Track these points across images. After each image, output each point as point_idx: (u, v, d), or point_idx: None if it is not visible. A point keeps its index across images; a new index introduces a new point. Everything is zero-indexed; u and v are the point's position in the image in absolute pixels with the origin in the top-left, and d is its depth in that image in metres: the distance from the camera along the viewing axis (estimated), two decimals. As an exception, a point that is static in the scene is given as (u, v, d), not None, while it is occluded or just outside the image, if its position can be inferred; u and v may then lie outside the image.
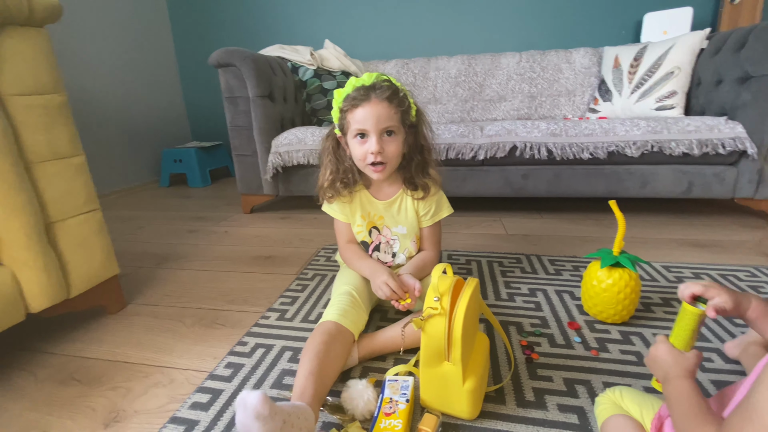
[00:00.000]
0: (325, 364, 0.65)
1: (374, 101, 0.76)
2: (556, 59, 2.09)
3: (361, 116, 0.77)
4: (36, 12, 0.80)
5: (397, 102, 0.78)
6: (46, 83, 0.84)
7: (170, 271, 1.28)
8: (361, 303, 0.82)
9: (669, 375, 0.47)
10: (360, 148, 0.80)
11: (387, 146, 0.79)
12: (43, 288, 0.82)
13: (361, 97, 0.77)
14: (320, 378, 0.63)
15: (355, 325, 0.76)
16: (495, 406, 0.66)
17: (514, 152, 1.57)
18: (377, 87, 0.77)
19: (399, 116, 0.79)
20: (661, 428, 0.48)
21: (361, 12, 2.55)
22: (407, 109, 0.81)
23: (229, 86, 1.72)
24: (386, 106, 0.77)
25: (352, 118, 0.78)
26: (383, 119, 0.77)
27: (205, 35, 2.84)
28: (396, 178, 0.90)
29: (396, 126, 0.79)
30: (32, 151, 0.81)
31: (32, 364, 0.84)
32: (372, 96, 0.77)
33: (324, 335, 0.70)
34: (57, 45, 2.07)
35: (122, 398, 0.73)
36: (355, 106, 0.77)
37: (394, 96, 0.78)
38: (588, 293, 0.87)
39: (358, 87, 0.78)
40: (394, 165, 0.84)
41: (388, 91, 0.77)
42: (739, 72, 1.45)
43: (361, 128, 0.78)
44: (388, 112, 0.77)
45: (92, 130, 2.31)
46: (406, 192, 0.89)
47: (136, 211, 2.08)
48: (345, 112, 0.80)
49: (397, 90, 0.79)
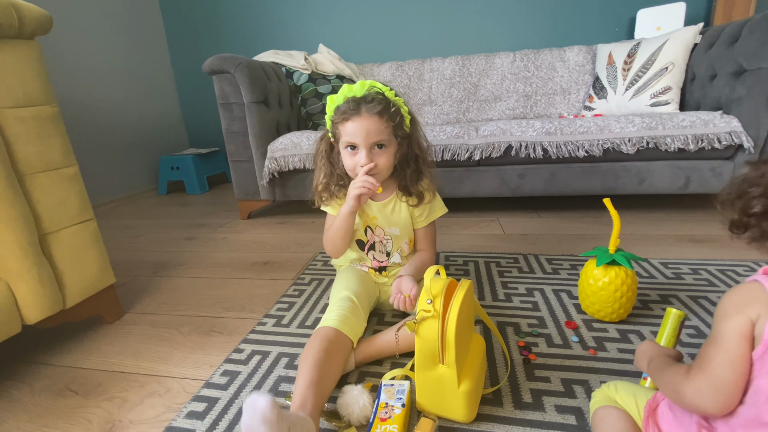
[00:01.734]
0: (325, 373, 0.65)
1: (364, 116, 0.76)
2: (550, 58, 2.09)
3: (351, 130, 0.77)
4: (26, 25, 0.80)
5: (388, 116, 0.77)
6: (38, 95, 0.84)
7: (168, 279, 1.28)
8: (360, 309, 0.81)
9: (652, 357, 0.53)
10: (350, 159, 0.80)
11: (377, 159, 0.79)
12: (38, 299, 0.82)
13: (351, 111, 0.76)
14: (320, 388, 0.62)
15: (354, 332, 0.76)
16: (492, 409, 0.65)
17: (509, 152, 1.57)
18: (368, 100, 0.76)
19: (390, 129, 0.79)
20: (656, 408, 0.49)
21: (354, 16, 2.55)
22: (400, 121, 0.80)
23: (224, 93, 1.73)
24: (377, 120, 0.76)
25: (343, 131, 0.78)
26: (373, 134, 0.77)
27: (200, 42, 2.85)
28: (391, 182, 0.90)
29: (387, 139, 0.79)
30: (25, 163, 0.81)
31: (28, 375, 0.84)
32: (362, 110, 0.76)
33: (324, 342, 0.69)
34: (52, 55, 2.09)
35: (118, 409, 0.72)
36: (346, 120, 0.77)
37: (385, 111, 0.77)
38: (585, 292, 0.87)
39: (349, 98, 0.78)
40: (385, 176, 0.84)
41: (379, 105, 0.76)
42: (733, 66, 1.45)
43: (351, 141, 0.78)
44: (379, 127, 0.77)
45: (89, 139, 2.32)
46: (400, 198, 0.89)
47: (134, 219, 2.08)
48: (336, 123, 0.80)
49: (389, 103, 0.78)
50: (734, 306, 0.40)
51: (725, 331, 0.40)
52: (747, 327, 0.39)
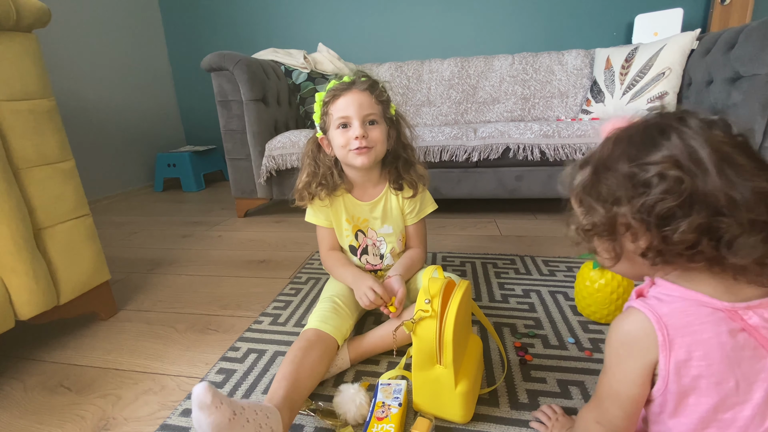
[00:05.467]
0: (300, 370, 0.65)
1: (355, 91, 0.79)
2: (548, 61, 2.10)
3: (343, 104, 0.79)
4: (24, 17, 0.79)
5: (377, 93, 0.81)
6: (35, 88, 0.83)
7: (163, 277, 1.27)
8: (345, 308, 0.81)
9: None
10: (343, 137, 0.80)
11: (371, 132, 0.80)
12: (32, 295, 0.81)
13: (343, 88, 0.80)
14: (293, 382, 0.62)
15: (337, 330, 0.75)
16: (488, 409, 0.65)
17: (507, 154, 1.57)
18: (357, 80, 0.81)
19: (380, 108, 0.82)
20: None
21: (354, 15, 2.55)
22: (387, 102, 0.83)
23: (222, 90, 1.72)
24: (368, 95, 0.80)
25: (334, 108, 0.79)
26: (365, 106, 0.79)
27: (198, 39, 2.84)
28: (381, 178, 0.89)
29: (378, 116, 0.81)
30: (20, 157, 0.81)
31: (21, 371, 0.83)
32: (353, 87, 0.80)
33: (301, 342, 0.70)
34: (50, 50, 2.07)
35: (112, 406, 0.72)
36: (337, 96, 0.79)
37: (374, 86, 0.81)
38: (581, 294, 0.87)
39: (339, 82, 0.81)
40: (379, 152, 0.82)
41: (367, 82, 0.81)
42: (729, 72, 1.46)
43: (344, 115, 0.79)
44: (369, 101, 0.80)
45: (86, 134, 2.30)
46: (392, 191, 0.89)
47: (130, 216, 2.07)
48: (327, 104, 0.81)
49: (377, 82, 0.82)
50: (627, 348, 0.39)
51: (615, 374, 0.41)
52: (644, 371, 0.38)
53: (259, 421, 0.52)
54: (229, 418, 0.48)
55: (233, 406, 0.50)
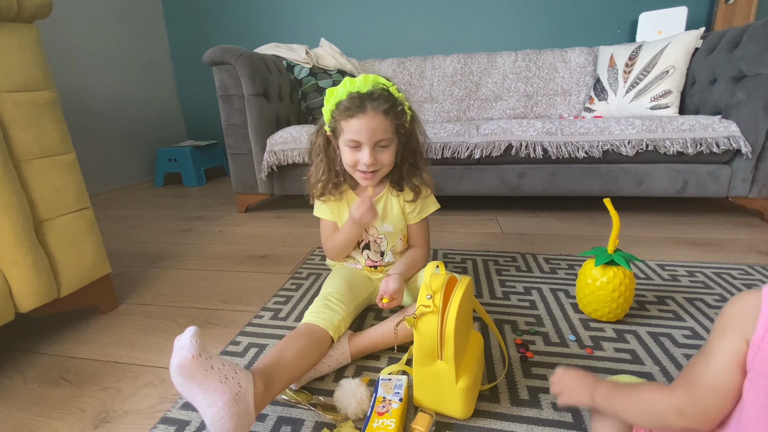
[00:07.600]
0: (283, 352, 0.65)
1: (370, 114, 0.74)
2: (551, 58, 2.09)
3: (356, 128, 0.75)
4: (25, 8, 0.79)
5: (393, 115, 0.77)
6: (36, 80, 0.83)
7: (164, 271, 1.27)
8: (338, 303, 0.79)
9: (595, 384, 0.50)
10: (351, 156, 0.79)
11: (380, 156, 0.79)
12: (32, 287, 0.81)
13: (356, 108, 0.74)
14: (274, 359, 0.63)
15: (328, 321, 0.74)
16: (489, 405, 0.65)
17: (509, 151, 1.57)
18: (374, 97, 0.74)
19: (394, 128, 0.78)
20: None
21: (357, 11, 2.54)
22: (403, 120, 0.80)
23: (224, 84, 1.71)
24: (382, 119, 0.75)
25: (347, 127, 0.77)
26: (378, 132, 0.76)
27: (200, 33, 2.82)
28: (383, 179, 0.89)
29: (390, 137, 0.78)
30: (21, 149, 0.80)
31: (21, 364, 0.83)
32: (368, 107, 0.74)
33: (291, 333, 0.71)
34: (51, 42, 2.06)
35: (112, 399, 0.72)
36: (350, 117, 0.75)
37: (392, 109, 0.76)
38: (583, 291, 0.87)
39: (352, 94, 0.75)
40: (385, 172, 0.84)
41: (385, 104, 0.75)
42: (733, 71, 1.46)
43: (355, 139, 0.76)
44: (384, 125, 0.76)
45: (87, 128, 2.29)
46: (392, 193, 0.89)
47: (131, 210, 2.06)
48: (338, 119, 0.78)
49: (395, 102, 0.77)
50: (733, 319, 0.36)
51: (717, 354, 0.37)
52: (742, 350, 0.35)
53: (225, 372, 0.52)
54: (194, 355, 0.50)
55: (212, 361, 0.52)
